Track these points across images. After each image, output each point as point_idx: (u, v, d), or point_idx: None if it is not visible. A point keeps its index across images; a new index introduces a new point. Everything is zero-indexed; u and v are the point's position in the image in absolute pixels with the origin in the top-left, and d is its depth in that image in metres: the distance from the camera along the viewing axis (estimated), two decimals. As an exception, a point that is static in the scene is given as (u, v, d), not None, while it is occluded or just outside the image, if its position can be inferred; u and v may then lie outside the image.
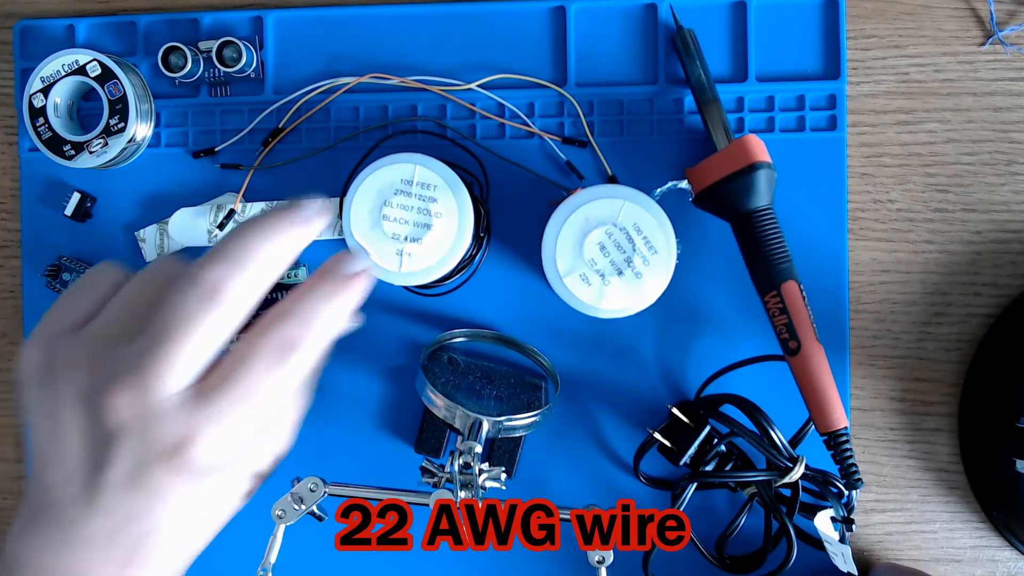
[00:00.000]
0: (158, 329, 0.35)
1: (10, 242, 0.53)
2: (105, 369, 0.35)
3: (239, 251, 0.36)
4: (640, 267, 0.44)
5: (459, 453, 0.43)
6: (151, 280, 0.38)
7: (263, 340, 0.36)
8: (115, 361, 0.35)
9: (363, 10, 0.51)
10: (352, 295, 0.38)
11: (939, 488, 0.51)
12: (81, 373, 0.35)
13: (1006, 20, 0.51)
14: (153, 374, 0.35)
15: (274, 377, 0.36)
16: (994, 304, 0.51)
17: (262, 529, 0.52)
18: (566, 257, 0.45)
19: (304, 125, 0.51)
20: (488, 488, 0.44)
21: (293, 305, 0.37)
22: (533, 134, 0.51)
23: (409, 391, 0.51)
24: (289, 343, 0.36)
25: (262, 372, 0.36)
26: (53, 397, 0.36)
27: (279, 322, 0.37)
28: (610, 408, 0.51)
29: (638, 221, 0.44)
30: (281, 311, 0.37)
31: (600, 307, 0.45)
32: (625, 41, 0.51)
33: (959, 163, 0.51)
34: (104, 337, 0.36)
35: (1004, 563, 0.51)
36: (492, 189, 0.51)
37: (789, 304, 0.46)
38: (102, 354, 0.36)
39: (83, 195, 0.51)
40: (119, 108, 0.49)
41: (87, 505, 0.36)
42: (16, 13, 0.53)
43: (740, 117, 0.50)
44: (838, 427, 0.46)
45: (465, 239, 0.45)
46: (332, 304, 0.37)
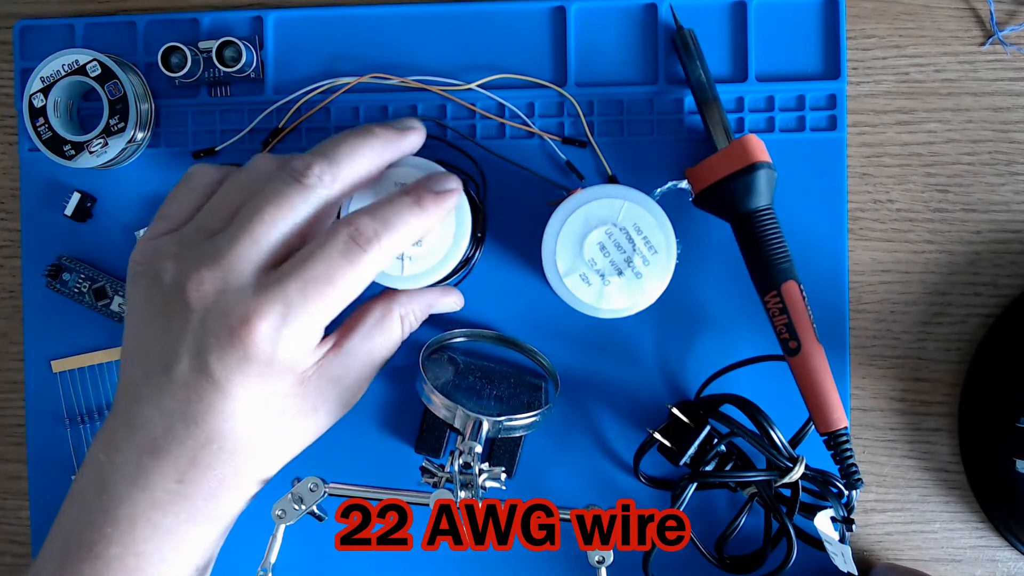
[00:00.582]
0: (242, 217, 0.37)
1: (10, 242, 0.53)
2: (192, 258, 0.37)
3: (334, 149, 0.39)
4: (640, 267, 0.44)
5: (459, 453, 0.43)
6: (247, 179, 0.39)
7: (340, 228, 0.38)
8: (201, 252, 0.37)
9: (363, 10, 0.51)
10: (436, 210, 0.40)
11: (939, 488, 0.51)
12: (171, 264, 0.38)
13: (1006, 20, 0.51)
14: (229, 257, 0.36)
15: (344, 266, 0.37)
16: (994, 304, 0.51)
17: (262, 529, 0.52)
18: (566, 257, 0.45)
19: (304, 125, 0.51)
20: (488, 488, 0.44)
21: (378, 206, 0.39)
22: (533, 134, 0.51)
23: (409, 391, 0.51)
24: (364, 236, 0.37)
25: (332, 259, 0.37)
26: (147, 289, 0.38)
27: (359, 216, 0.38)
28: (610, 408, 0.51)
29: (638, 221, 0.44)
30: (366, 209, 0.39)
31: (600, 307, 0.45)
32: (625, 41, 0.51)
33: (959, 163, 0.51)
34: (198, 231, 0.39)
35: (1004, 563, 0.51)
36: (492, 189, 0.51)
37: (789, 304, 0.46)
38: (192, 248, 0.38)
39: (83, 195, 0.51)
40: (119, 108, 0.49)
41: (155, 403, 0.38)
42: (16, 13, 0.53)
43: (740, 117, 0.51)
44: (838, 427, 0.46)
45: (465, 237, 0.45)
46: (413, 210, 0.39)
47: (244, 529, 0.52)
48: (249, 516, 0.52)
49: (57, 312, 0.52)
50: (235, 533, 0.52)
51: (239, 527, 0.52)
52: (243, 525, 0.52)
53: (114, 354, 0.51)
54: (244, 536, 0.52)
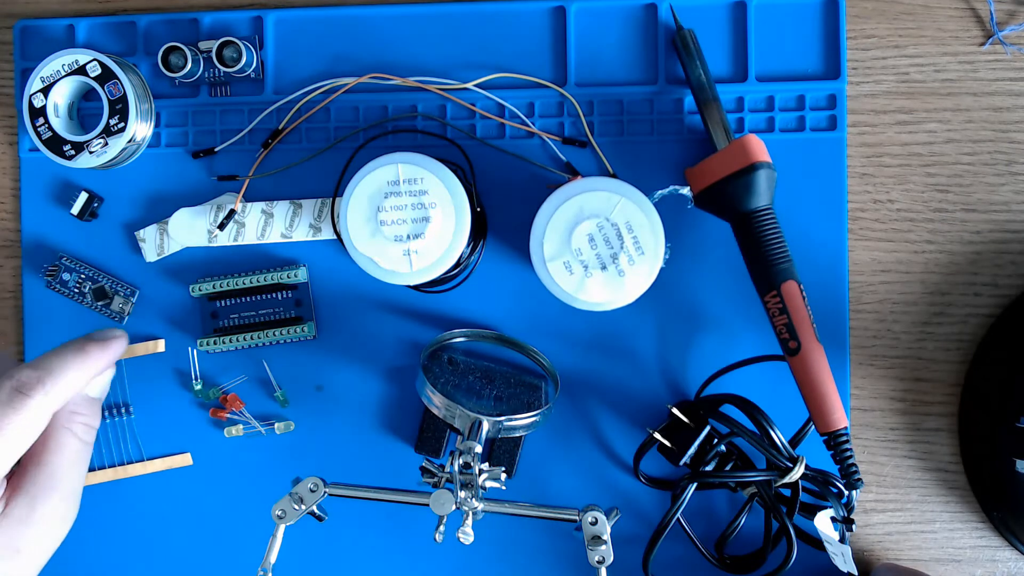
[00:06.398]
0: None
1: (10, 242, 0.53)
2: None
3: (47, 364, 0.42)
4: (624, 265, 0.44)
5: (459, 453, 0.43)
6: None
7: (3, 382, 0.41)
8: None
9: (363, 10, 0.51)
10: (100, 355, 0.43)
11: (939, 488, 0.51)
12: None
13: (1006, 20, 0.51)
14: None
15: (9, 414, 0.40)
16: (994, 304, 0.51)
17: (262, 529, 0.52)
18: (553, 242, 0.45)
19: (304, 125, 0.51)
20: (488, 488, 0.44)
21: (42, 357, 0.42)
22: (533, 134, 0.51)
23: (409, 391, 0.51)
24: (27, 384, 0.40)
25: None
26: None
27: (21, 368, 0.41)
28: (610, 408, 0.51)
29: (631, 220, 0.44)
30: (30, 363, 0.42)
31: (578, 297, 0.45)
32: (625, 41, 0.51)
33: (959, 163, 0.51)
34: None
35: (1004, 563, 0.51)
36: (492, 189, 0.51)
37: (789, 304, 0.46)
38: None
39: (91, 195, 0.51)
40: (119, 108, 0.49)
41: None
42: (16, 13, 0.53)
43: (740, 117, 0.50)
44: (838, 427, 0.46)
45: (465, 221, 0.45)
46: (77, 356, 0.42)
47: (244, 529, 0.52)
48: (249, 516, 0.52)
49: (57, 312, 0.52)
50: (235, 533, 0.52)
51: (239, 527, 0.52)
52: (243, 525, 0.52)
53: (114, 354, 0.52)
54: (244, 536, 0.52)
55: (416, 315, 0.51)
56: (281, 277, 0.51)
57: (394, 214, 0.45)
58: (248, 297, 0.51)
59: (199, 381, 0.51)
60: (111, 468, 0.52)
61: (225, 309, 0.51)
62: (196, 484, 0.52)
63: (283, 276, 0.51)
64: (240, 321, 0.51)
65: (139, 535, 0.52)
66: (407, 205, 0.45)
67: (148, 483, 0.52)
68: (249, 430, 0.52)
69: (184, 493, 0.52)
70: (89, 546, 0.52)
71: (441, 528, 0.43)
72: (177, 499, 0.52)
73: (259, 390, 0.52)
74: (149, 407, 0.52)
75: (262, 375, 0.52)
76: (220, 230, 0.51)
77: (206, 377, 0.52)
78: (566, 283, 0.45)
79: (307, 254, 0.51)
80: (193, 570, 0.52)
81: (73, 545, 0.52)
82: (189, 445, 0.52)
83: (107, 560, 0.52)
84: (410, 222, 0.45)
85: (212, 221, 0.51)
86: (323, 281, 0.51)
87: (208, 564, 0.52)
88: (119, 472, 0.52)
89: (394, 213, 0.45)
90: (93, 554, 0.52)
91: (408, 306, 0.51)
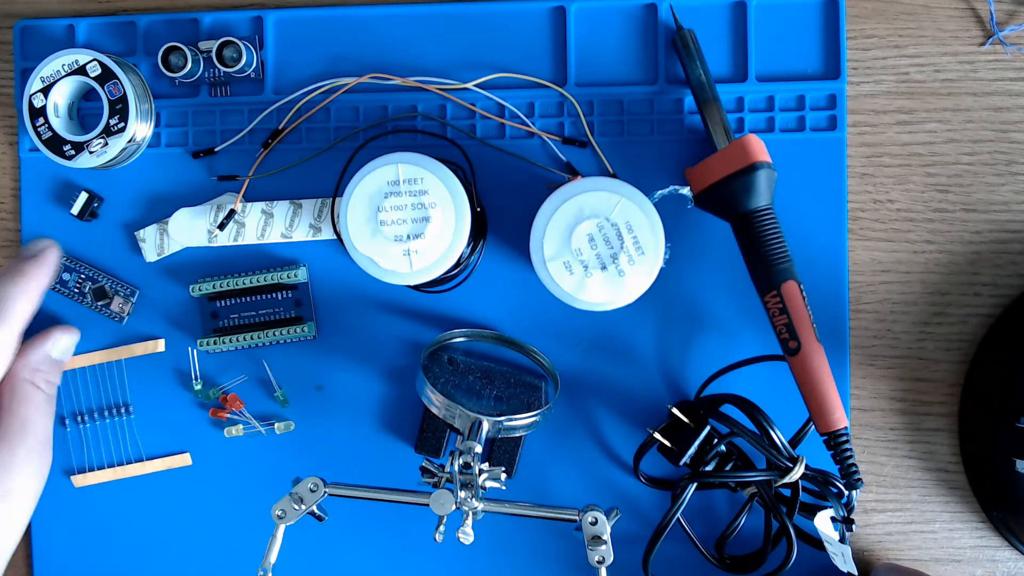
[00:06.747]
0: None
1: (10, 242, 0.53)
2: None
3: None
4: (624, 265, 0.44)
5: (459, 453, 0.43)
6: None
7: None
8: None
9: (363, 10, 0.51)
10: (38, 270, 0.45)
11: (939, 488, 0.51)
12: None
13: (1006, 20, 0.51)
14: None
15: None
16: (994, 304, 0.51)
17: (262, 529, 0.52)
18: (553, 242, 0.45)
19: (304, 125, 0.51)
20: (488, 488, 0.44)
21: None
22: (533, 134, 0.51)
23: (409, 391, 0.51)
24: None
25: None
26: None
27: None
28: (610, 408, 0.51)
29: (631, 220, 0.44)
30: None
31: (577, 297, 0.45)
32: (625, 41, 0.51)
33: (959, 163, 0.51)
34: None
35: (1004, 563, 0.51)
36: (492, 189, 0.51)
37: (789, 304, 0.46)
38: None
39: (91, 195, 0.51)
40: (119, 108, 0.49)
41: None
42: (16, 13, 0.53)
43: (740, 117, 0.50)
44: (838, 427, 0.46)
45: (465, 221, 0.45)
46: (16, 282, 0.44)
47: (244, 529, 0.52)
48: (249, 516, 0.52)
49: (57, 312, 0.52)
50: (235, 533, 0.52)
51: (239, 527, 0.52)
52: (243, 525, 0.52)
53: (114, 354, 0.52)
54: (244, 536, 0.52)
55: (416, 315, 0.51)
56: (281, 277, 0.51)
57: (394, 214, 0.45)
58: (248, 297, 0.51)
59: (199, 381, 0.51)
60: (111, 468, 0.52)
61: (225, 309, 0.51)
62: (196, 484, 0.52)
63: (283, 276, 0.51)
64: (240, 321, 0.51)
65: (139, 535, 0.52)
66: (407, 205, 0.45)
67: (148, 483, 0.52)
68: (249, 430, 0.52)
69: (184, 493, 0.52)
70: (89, 546, 0.52)
71: (441, 528, 0.43)
72: (177, 499, 0.52)
73: (259, 390, 0.52)
74: (149, 407, 0.52)
75: (262, 375, 0.52)
76: (220, 230, 0.51)
77: (206, 377, 0.52)
78: (566, 283, 0.45)
79: (307, 254, 0.51)
80: (193, 570, 0.52)
81: (73, 545, 0.52)
82: (189, 445, 0.52)
83: (107, 560, 0.52)
84: (410, 222, 0.45)
85: (212, 221, 0.51)
86: (323, 281, 0.51)
87: (208, 564, 0.52)
88: (119, 472, 0.52)
89: (394, 213, 0.45)
90: (93, 554, 0.52)
91: (408, 306, 0.51)
